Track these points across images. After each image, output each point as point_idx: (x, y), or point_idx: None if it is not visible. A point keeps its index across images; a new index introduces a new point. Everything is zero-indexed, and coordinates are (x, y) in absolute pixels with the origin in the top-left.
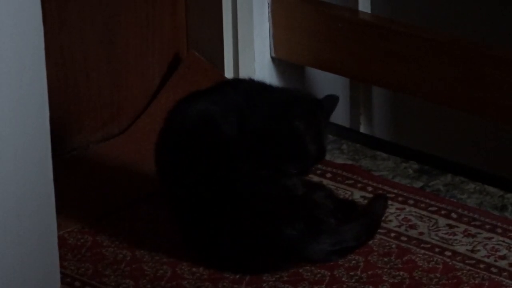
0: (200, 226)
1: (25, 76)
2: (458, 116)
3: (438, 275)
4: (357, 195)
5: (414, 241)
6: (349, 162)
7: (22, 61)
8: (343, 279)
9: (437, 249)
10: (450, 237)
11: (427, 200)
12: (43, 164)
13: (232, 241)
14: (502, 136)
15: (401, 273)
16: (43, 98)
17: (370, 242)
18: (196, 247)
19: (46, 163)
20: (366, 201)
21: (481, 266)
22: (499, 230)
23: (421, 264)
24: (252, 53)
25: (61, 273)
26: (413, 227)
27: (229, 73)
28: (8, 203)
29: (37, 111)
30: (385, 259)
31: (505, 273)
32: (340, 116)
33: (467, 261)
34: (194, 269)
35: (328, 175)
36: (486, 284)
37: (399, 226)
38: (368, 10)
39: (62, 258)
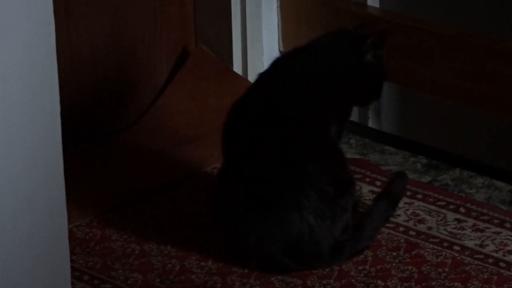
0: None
1: (36, 70)
2: (466, 110)
3: (446, 269)
4: (365, 190)
5: (422, 236)
6: (358, 156)
7: (33, 54)
8: (352, 273)
9: (445, 244)
10: (459, 231)
11: (436, 195)
12: (54, 158)
13: (258, 236)
14: (511, 131)
15: (410, 267)
16: (54, 91)
17: (379, 236)
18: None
19: (57, 157)
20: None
21: (490, 260)
22: (508, 225)
23: (429, 258)
24: (261, 47)
25: (70, 267)
26: (421, 221)
27: (237, 67)
28: (19, 198)
29: (48, 105)
30: (394, 254)
31: None
32: None
33: (475, 256)
34: (202, 263)
35: None
36: (495, 278)
37: (407, 221)
38: (377, 5)
39: (71, 252)
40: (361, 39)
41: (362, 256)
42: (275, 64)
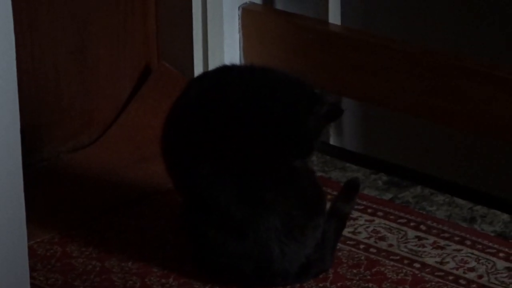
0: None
1: None
2: (428, 128)
3: (407, 286)
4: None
5: (383, 253)
6: (319, 173)
7: None
8: None
9: (406, 261)
10: (419, 249)
11: (397, 212)
12: (14, 174)
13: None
14: (472, 148)
15: (370, 284)
16: (14, 108)
17: (340, 253)
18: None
19: (17, 173)
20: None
21: (450, 278)
22: (468, 242)
23: (390, 275)
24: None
25: (31, 283)
26: (382, 239)
27: None
28: None
29: (8, 121)
30: (354, 271)
31: (473, 285)
32: None
33: (436, 273)
34: (163, 280)
35: None
36: None
37: (368, 238)
38: (338, 22)
39: (31, 268)
40: (318, 100)
41: (323, 273)
42: (221, 81)
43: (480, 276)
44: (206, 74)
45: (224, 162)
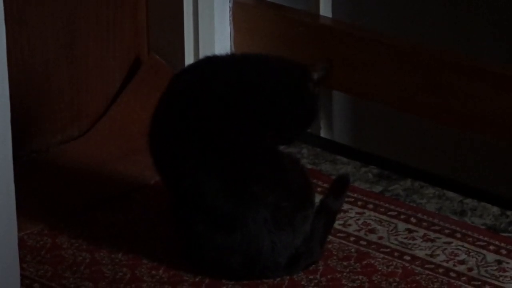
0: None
1: None
2: (418, 121)
3: (397, 279)
4: (316, 199)
5: (373, 245)
6: (309, 166)
7: None
8: (302, 283)
9: (396, 254)
10: (409, 241)
11: (387, 205)
12: (4, 166)
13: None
14: (461, 142)
15: (360, 277)
16: (5, 101)
17: (330, 246)
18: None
19: (7, 165)
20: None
21: (440, 270)
22: (458, 235)
23: (380, 268)
24: None
25: (20, 275)
26: (372, 231)
27: None
28: None
29: None
30: (344, 263)
31: (464, 278)
32: None
33: (426, 266)
34: (153, 272)
35: None
36: None
37: (358, 230)
38: (329, 15)
39: (21, 260)
40: (307, 67)
41: (313, 265)
42: (207, 71)
43: (470, 269)
44: (189, 68)
45: (210, 156)
